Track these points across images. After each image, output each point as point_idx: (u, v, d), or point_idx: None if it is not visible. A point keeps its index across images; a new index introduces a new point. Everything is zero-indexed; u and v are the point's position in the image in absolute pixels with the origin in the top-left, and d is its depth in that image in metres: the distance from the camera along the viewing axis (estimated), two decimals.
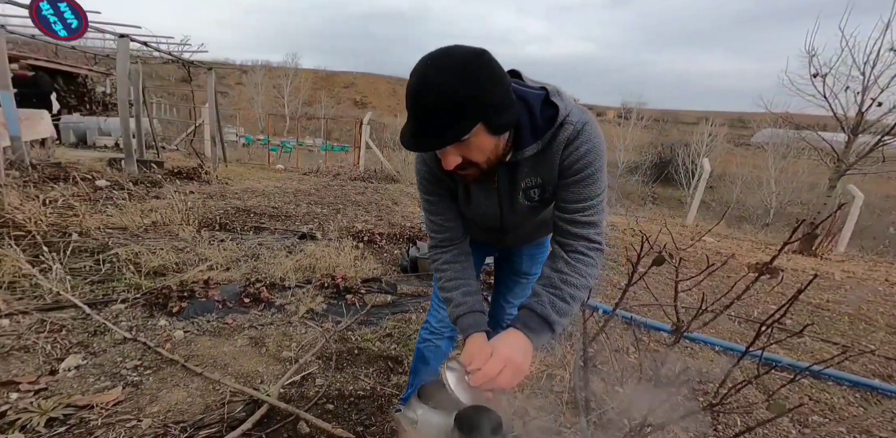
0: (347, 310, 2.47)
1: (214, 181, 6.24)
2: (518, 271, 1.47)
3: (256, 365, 1.85)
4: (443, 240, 1.15)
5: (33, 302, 2.23)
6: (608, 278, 3.71)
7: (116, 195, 4.49)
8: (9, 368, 1.73)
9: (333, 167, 9.59)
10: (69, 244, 2.92)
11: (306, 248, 3.32)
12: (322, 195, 6.14)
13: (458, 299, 1.08)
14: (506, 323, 1.49)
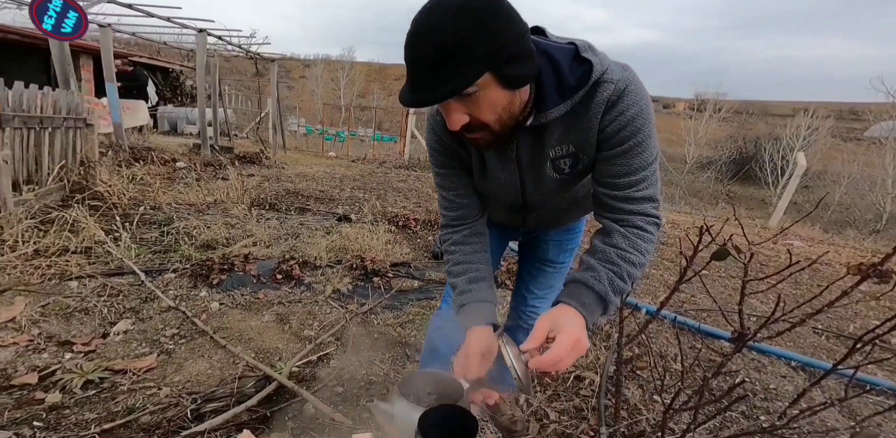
0: (373, 293, 2.31)
1: (273, 165, 6.31)
2: (543, 258, 1.22)
3: (278, 341, 1.76)
4: (454, 219, 0.94)
5: (102, 267, 2.27)
6: (662, 278, 3.09)
7: (189, 175, 4.60)
8: (69, 328, 1.74)
9: (380, 155, 9.50)
10: (139, 216, 2.98)
11: (342, 230, 3.23)
12: (366, 181, 6.05)
13: (463, 286, 0.88)
14: (526, 316, 1.28)
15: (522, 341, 1.34)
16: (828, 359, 2.13)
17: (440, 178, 0.93)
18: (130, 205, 3.33)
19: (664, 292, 2.81)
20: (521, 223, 1.09)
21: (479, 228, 0.95)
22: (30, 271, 2.11)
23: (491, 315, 0.85)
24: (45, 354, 1.55)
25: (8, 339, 1.61)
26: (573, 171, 0.81)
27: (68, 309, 1.86)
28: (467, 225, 0.94)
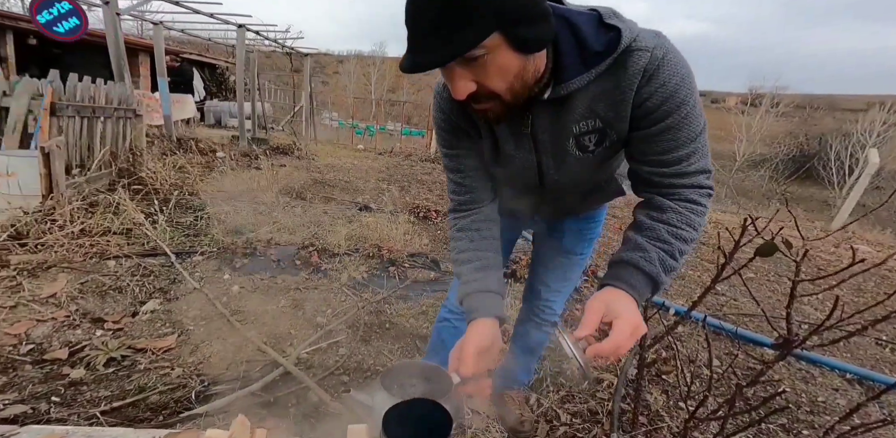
0: (388, 283, 2.20)
1: (304, 157, 6.31)
2: (560, 248, 1.08)
3: (291, 326, 1.71)
4: (463, 204, 0.83)
5: (138, 248, 2.28)
6: (699, 279, 2.74)
7: (226, 165, 4.64)
8: (103, 306, 1.74)
9: (406, 148, 9.36)
10: (177, 201, 2.99)
11: (363, 219, 3.16)
12: (391, 173, 5.95)
13: (468, 275, 0.76)
14: (539, 310, 1.14)
15: (534, 337, 1.18)
16: (891, 374, 1.85)
17: (448, 160, 0.82)
18: (170, 190, 3.36)
19: (700, 294, 2.46)
20: (537, 210, 0.96)
21: (490, 214, 0.84)
22: (74, 249, 2.13)
23: (497, 307, 0.74)
24: (78, 330, 1.55)
25: (48, 314, 1.62)
26: (599, 149, 0.69)
27: (104, 287, 1.86)
28: (476, 211, 0.82)
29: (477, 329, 0.71)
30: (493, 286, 0.75)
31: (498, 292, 0.76)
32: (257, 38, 6.70)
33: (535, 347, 1.26)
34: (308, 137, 8.07)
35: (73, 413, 1.07)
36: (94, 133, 3.48)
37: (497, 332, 0.72)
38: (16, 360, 1.32)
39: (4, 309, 1.59)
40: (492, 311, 0.72)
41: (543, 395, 1.40)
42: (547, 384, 1.47)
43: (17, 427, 0.92)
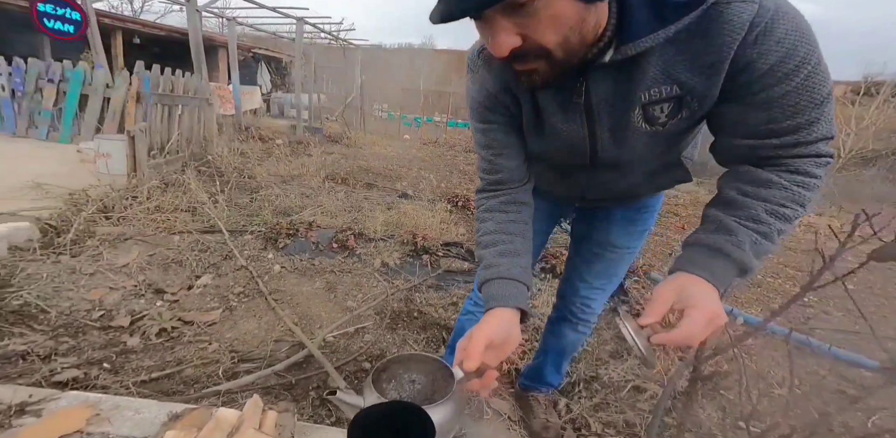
0: (420, 270, 2.03)
1: (352, 145, 6.27)
2: (604, 241, 0.89)
3: (322, 309, 1.64)
4: (493, 183, 0.68)
5: (199, 225, 2.31)
6: (781, 288, 2.25)
7: (284, 151, 4.68)
8: (165, 278, 1.76)
9: (451, 139, 9.06)
10: (237, 183, 3.03)
11: (401, 206, 3.05)
12: (434, 162, 5.74)
13: (491, 259, 0.63)
14: (577, 309, 0.95)
15: (568, 337, 0.95)
16: None
17: (480, 135, 0.67)
18: (232, 173, 3.41)
19: (779, 304, 2.02)
20: (582, 195, 0.77)
21: (522, 196, 0.68)
22: (148, 224, 2.19)
23: (519, 297, 0.59)
24: (142, 300, 1.56)
25: (119, 283, 1.65)
26: (672, 121, 0.53)
27: (168, 260, 1.89)
28: (506, 192, 0.67)
29: (492, 319, 0.56)
30: (516, 273, 0.60)
31: (522, 281, 0.60)
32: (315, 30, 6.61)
33: (568, 348, 1.07)
34: (358, 127, 8.02)
35: (116, 381, 1.05)
36: (172, 119, 3.58)
37: (515, 325, 0.57)
38: (86, 325, 1.35)
39: (85, 276, 1.64)
40: (512, 301, 0.57)
41: (574, 401, 1.23)
42: (579, 389, 1.29)
43: (59, 392, 0.90)
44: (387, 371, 0.59)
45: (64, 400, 0.89)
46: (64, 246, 1.80)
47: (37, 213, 1.99)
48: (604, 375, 1.37)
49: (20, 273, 1.55)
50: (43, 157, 3.19)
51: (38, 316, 1.34)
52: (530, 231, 0.67)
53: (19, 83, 4.00)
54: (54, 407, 0.87)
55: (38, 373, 1.02)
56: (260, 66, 10.47)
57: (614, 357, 1.54)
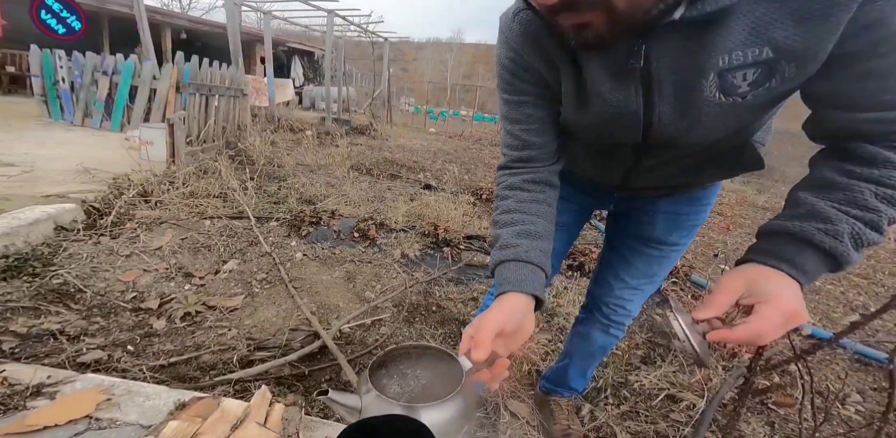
0: (441, 263, 1.92)
1: (378, 137, 6.22)
2: (645, 236, 0.76)
3: (340, 299, 1.58)
4: (517, 161, 0.59)
5: (229, 210, 2.32)
6: (842, 296, 2.04)
7: (312, 142, 4.69)
8: (195, 262, 1.76)
9: (477, 133, 8.81)
10: (266, 171, 3.03)
11: (424, 197, 2.94)
12: (459, 155, 5.59)
13: (507, 239, 0.54)
14: (609, 310, 0.83)
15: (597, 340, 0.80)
16: None
17: (508, 108, 0.58)
18: (262, 162, 3.43)
19: (841, 314, 1.80)
20: (625, 181, 0.64)
21: (548, 177, 0.60)
22: (182, 208, 2.22)
23: (535, 282, 0.51)
24: (172, 283, 1.56)
25: (152, 265, 1.67)
26: (757, 91, 0.41)
27: (198, 244, 1.89)
28: (532, 170, 0.59)
29: (504, 305, 0.48)
30: (534, 257, 0.52)
31: (540, 265, 0.52)
32: (344, 23, 6.54)
33: (596, 352, 0.96)
34: (385, 120, 7.96)
35: (136, 365, 1.03)
36: (209, 109, 3.64)
37: (529, 313, 0.50)
38: (118, 306, 1.35)
39: (122, 257, 1.67)
40: (527, 286, 0.49)
41: (599, 407, 1.11)
42: (606, 395, 1.16)
43: (77, 374, 0.88)
44: (386, 364, 0.50)
45: (80, 383, 0.87)
46: (105, 228, 1.85)
47: (83, 196, 2.06)
48: (634, 381, 1.24)
49: (63, 252, 1.59)
50: (94, 145, 3.34)
51: (75, 295, 1.36)
52: (553, 214, 0.58)
53: (78, 76, 4.22)
54: (69, 390, 0.85)
55: (64, 354, 1.01)
56: (293, 60, 10.60)
57: (646, 362, 1.39)
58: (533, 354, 1.35)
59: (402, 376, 0.51)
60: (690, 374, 1.30)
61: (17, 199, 1.89)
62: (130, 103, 4.11)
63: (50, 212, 1.80)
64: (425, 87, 13.70)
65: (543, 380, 1.12)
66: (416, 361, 0.52)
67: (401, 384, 0.51)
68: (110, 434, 0.75)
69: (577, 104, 0.52)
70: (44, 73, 4.27)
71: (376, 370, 0.49)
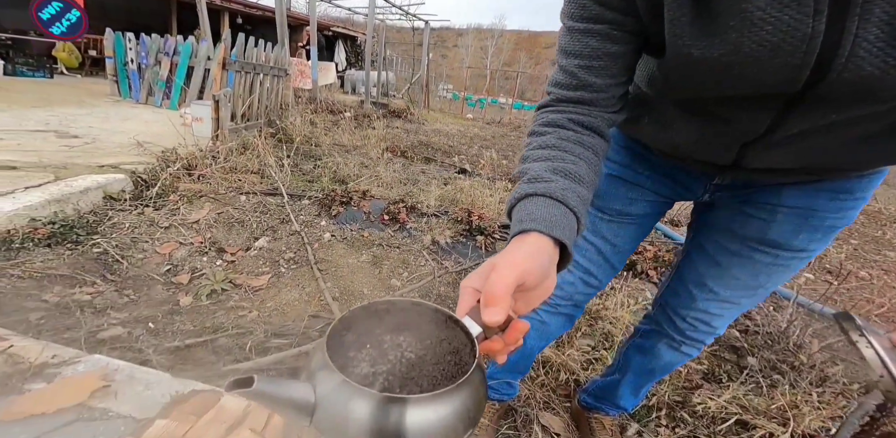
0: (473, 252, 1.73)
1: (415, 121, 5.96)
2: (755, 236, 0.54)
3: (364, 285, 1.42)
4: (565, 100, 0.42)
5: (264, 187, 2.24)
6: None
7: (350, 124, 4.55)
8: (228, 237, 1.68)
9: (517, 120, 8.26)
10: (302, 150, 2.93)
11: (458, 182, 2.70)
12: (496, 141, 5.22)
13: (538, 172, 0.37)
14: (686, 324, 0.61)
15: (662, 358, 0.50)
16: None
17: (570, 38, 0.40)
18: (300, 141, 3.34)
19: None
20: (737, 158, 0.44)
21: (600, 125, 0.42)
22: (221, 182, 2.16)
23: (567, 229, 0.34)
24: (205, 257, 1.49)
25: (189, 238, 1.61)
26: None
27: (232, 219, 1.81)
28: (583, 113, 0.41)
29: (528, 248, 0.31)
30: (571, 199, 0.35)
31: (575, 211, 0.35)
32: (387, 6, 6.18)
33: (658, 370, 0.77)
34: (422, 105, 7.66)
35: (152, 345, 0.93)
36: (253, 87, 3.57)
37: (554, 266, 0.33)
38: (153, 278, 1.29)
39: (161, 229, 1.62)
40: (557, 230, 0.33)
41: (649, 429, 0.90)
42: (658, 415, 0.95)
43: (83, 354, 0.79)
44: (354, 327, 0.32)
45: (83, 365, 0.77)
46: (149, 199, 1.81)
47: (133, 167, 2.05)
48: (695, 402, 1.00)
49: (108, 221, 1.56)
50: (153, 121, 3.41)
51: (112, 265, 1.31)
52: (599, 166, 0.41)
53: (144, 56, 4.32)
54: (70, 372, 0.75)
55: (84, 328, 0.93)
56: (337, 45, 10.43)
57: (709, 379, 1.13)
58: (572, 361, 1.14)
59: (376, 346, 0.34)
60: (769, 398, 1.03)
61: (75, 168, 1.90)
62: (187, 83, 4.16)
63: (101, 181, 1.78)
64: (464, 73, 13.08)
65: (584, 394, 0.93)
66: (397, 324, 0.34)
67: (374, 359, 0.34)
68: (99, 427, 0.64)
69: (696, 28, 0.32)
70: (116, 54, 4.42)
71: (339, 336, 0.31)
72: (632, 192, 0.61)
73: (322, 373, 0.26)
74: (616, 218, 0.63)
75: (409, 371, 0.32)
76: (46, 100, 3.68)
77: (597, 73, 0.39)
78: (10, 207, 1.36)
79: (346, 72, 10.48)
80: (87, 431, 0.64)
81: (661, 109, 0.44)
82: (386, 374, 0.33)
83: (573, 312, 0.73)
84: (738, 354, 1.26)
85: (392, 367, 0.33)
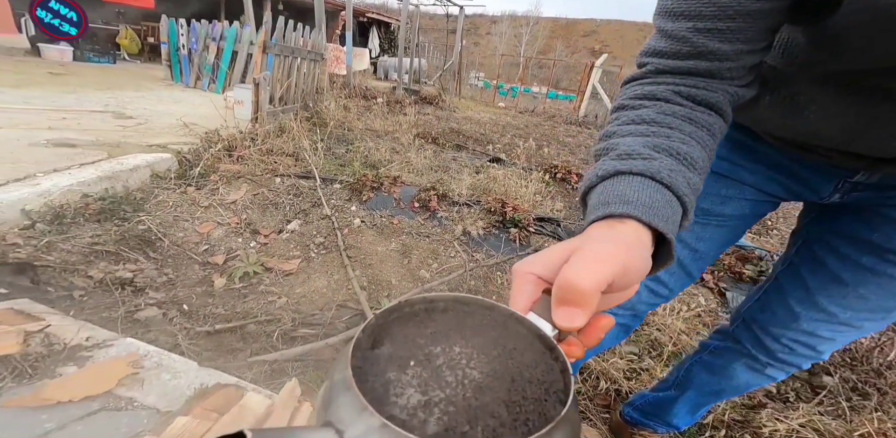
0: (506, 246, 1.58)
1: (446, 108, 5.71)
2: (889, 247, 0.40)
3: (392, 275, 1.33)
4: (666, 69, 0.28)
5: (298, 170, 2.18)
6: None
7: (382, 109, 4.40)
8: (262, 219, 1.64)
9: (551, 109, 7.70)
10: (335, 134, 2.85)
11: (491, 171, 2.51)
12: (529, 131, 4.88)
13: (632, 147, 0.25)
14: (781, 346, 0.49)
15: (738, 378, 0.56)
16: None
17: None
18: (334, 125, 3.25)
19: None
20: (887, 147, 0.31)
21: (719, 101, 0.28)
22: (258, 164, 2.13)
23: (670, 219, 0.22)
24: (240, 238, 1.45)
25: (226, 219, 1.58)
26: None
27: (267, 201, 1.77)
28: (695, 86, 0.27)
29: (624, 237, 0.22)
30: (678, 182, 0.24)
31: (682, 197, 0.24)
32: None
33: (728, 391, 0.65)
34: (453, 93, 7.33)
35: (184, 328, 0.89)
36: (292, 71, 3.50)
37: (648, 257, 0.22)
38: (190, 258, 1.26)
39: (201, 208, 1.60)
40: (659, 218, 0.22)
41: None
42: (714, 435, 0.82)
43: (117, 337, 0.76)
44: (388, 339, 0.20)
45: (116, 348, 0.72)
46: (192, 179, 1.81)
47: (179, 147, 2.05)
48: (760, 423, 0.85)
49: (153, 199, 1.56)
50: (200, 104, 3.45)
51: (155, 242, 1.30)
52: (714, 149, 0.28)
53: (194, 42, 4.36)
54: (102, 356, 0.71)
55: (122, 307, 0.90)
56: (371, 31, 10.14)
57: (774, 398, 0.97)
58: (615, 370, 1.01)
59: (424, 362, 0.22)
60: (848, 422, 0.85)
61: (128, 147, 1.93)
62: (232, 68, 4.17)
63: (149, 160, 1.79)
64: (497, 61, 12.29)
65: (629, 407, 0.82)
66: (446, 329, 0.23)
67: (425, 381, 0.21)
68: (122, 418, 0.59)
69: None
70: (170, 41, 4.50)
71: (367, 352, 0.20)
72: (727, 189, 0.48)
73: (347, 411, 0.16)
74: (701, 218, 0.50)
75: (477, 395, 0.22)
76: (108, 83, 3.82)
77: (723, 38, 0.27)
78: (66, 182, 1.37)
79: (380, 58, 10.23)
80: (111, 422, 0.59)
81: (794, 87, 0.32)
82: (444, 404, 0.22)
83: (631, 322, 0.62)
84: (810, 371, 1.07)
85: (453, 392, 0.22)
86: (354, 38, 8.86)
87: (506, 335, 0.21)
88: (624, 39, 37.47)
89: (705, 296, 1.44)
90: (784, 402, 0.95)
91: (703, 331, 1.23)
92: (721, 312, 1.40)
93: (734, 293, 1.49)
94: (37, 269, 0.94)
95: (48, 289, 0.90)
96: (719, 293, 1.50)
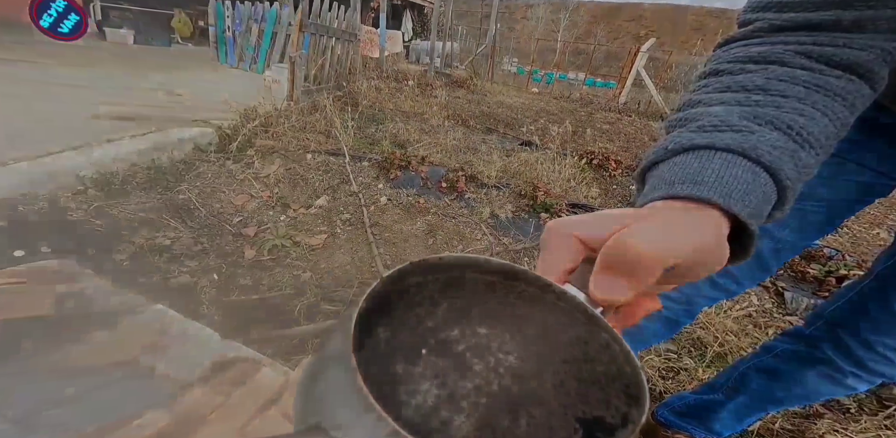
0: (535, 231, 1.44)
1: (477, 92, 5.37)
2: None
3: (415, 254, 1.24)
4: (783, 26, 0.16)
5: (329, 146, 2.11)
6: None
7: (413, 91, 4.20)
8: (293, 194, 1.59)
9: (588, 96, 6.95)
10: (366, 113, 2.74)
11: (523, 155, 2.30)
12: (564, 116, 4.43)
13: (719, 116, 0.16)
14: (873, 356, 0.44)
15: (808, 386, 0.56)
16: None
17: None
18: (365, 104, 3.13)
19: None
20: None
21: (868, 61, 0.18)
22: (291, 140, 2.08)
23: (761, 207, 0.15)
24: (271, 211, 1.42)
25: (259, 192, 1.55)
26: None
27: (297, 176, 1.72)
28: (829, 44, 0.18)
29: (702, 221, 0.15)
30: (780, 163, 0.16)
31: (785, 182, 0.16)
32: None
33: (790, 398, 0.55)
34: (485, 77, 6.88)
35: (213, 299, 0.85)
36: (326, 50, 3.37)
37: (724, 249, 0.16)
38: (224, 228, 1.24)
39: (237, 181, 1.58)
40: (745, 204, 0.15)
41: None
42: None
43: (148, 304, 0.73)
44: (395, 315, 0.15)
45: (144, 315, 0.69)
46: (230, 153, 1.79)
47: (220, 123, 2.03)
48: (815, 434, 0.73)
49: (194, 170, 1.55)
50: (240, 83, 3.45)
51: (193, 212, 1.28)
52: (845, 126, 0.19)
53: (238, 24, 4.33)
54: (131, 322, 0.67)
55: (159, 274, 0.87)
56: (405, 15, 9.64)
57: (836, 408, 0.82)
58: (650, 368, 0.88)
59: (439, 347, 0.15)
60: None
61: (177, 121, 1.94)
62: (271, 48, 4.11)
63: (193, 133, 1.78)
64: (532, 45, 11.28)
65: (665, 408, 0.73)
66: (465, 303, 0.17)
67: (443, 371, 0.14)
68: (140, 386, 0.55)
69: None
70: (217, 23, 4.49)
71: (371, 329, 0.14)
72: (827, 167, 0.35)
73: (346, 412, 0.10)
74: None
75: (514, 387, 0.16)
76: (162, 64, 3.91)
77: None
78: (117, 152, 1.38)
79: (412, 42, 9.79)
80: (130, 391, 0.54)
81: None
82: (473, 397, 0.16)
83: (682, 318, 0.53)
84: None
85: (483, 382, 0.16)
86: (388, 20, 8.49)
87: (543, 310, 0.16)
88: (673, 25, 32.25)
89: (759, 295, 1.22)
90: (844, 413, 0.80)
91: (754, 333, 1.05)
92: (776, 313, 1.19)
93: (794, 293, 1.26)
94: (85, 232, 0.94)
95: (92, 252, 0.89)
96: (776, 292, 1.28)
